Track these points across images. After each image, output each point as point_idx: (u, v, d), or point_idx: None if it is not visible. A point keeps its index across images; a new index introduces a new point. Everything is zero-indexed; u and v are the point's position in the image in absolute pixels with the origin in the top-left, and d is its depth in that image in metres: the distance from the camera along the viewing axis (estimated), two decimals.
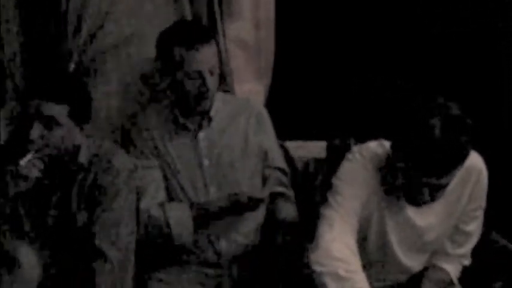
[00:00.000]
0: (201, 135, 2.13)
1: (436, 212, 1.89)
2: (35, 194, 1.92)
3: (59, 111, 1.85)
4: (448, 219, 1.92)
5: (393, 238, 1.90)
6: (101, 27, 2.29)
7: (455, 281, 2.01)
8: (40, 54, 2.31)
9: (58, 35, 2.29)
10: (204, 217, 2.07)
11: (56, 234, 1.96)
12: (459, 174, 1.75)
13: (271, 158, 2.21)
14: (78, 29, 2.28)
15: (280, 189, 2.22)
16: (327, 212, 1.84)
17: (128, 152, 2.09)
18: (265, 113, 2.24)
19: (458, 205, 1.91)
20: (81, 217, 1.95)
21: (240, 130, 2.17)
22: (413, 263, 1.98)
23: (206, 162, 2.13)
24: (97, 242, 1.92)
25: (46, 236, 1.96)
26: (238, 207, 2.05)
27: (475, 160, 1.85)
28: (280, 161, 2.24)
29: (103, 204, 1.93)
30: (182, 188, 2.12)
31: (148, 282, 2.12)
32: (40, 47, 2.31)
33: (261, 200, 2.06)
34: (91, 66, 2.31)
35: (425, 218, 1.89)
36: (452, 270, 2.00)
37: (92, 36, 2.29)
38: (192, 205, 2.08)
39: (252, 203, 2.04)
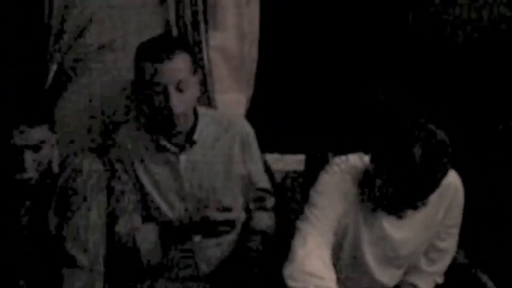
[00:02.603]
0: (183, 157, 2.06)
1: (412, 226, 1.90)
2: (5, 202, 1.90)
3: (45, 133, 1.83)
4: (424, 234, 1.93)
5: (367, 251, 1.91)
6: (84, 30, 2.29)
7: None
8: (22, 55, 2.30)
9: (41, 36, 2.28)
10: (174, 235, 2.05)
11: (28, 241, 1.93)
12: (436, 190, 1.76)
13: (255, 181, 2.17)
14: (61, 31, 2.27)
15: (257, 204, 2.20)
16: (302, 225, 1.84)
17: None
18: (250, 132, 2.17)
19: (434, 220, 1.92)
20: (52, 222, 1.93)
21: (224, 151, 2.11)
22: (386, 278, 1.98)
23: (187, 185, 2.08)
24: (66, 247, 1.90)
25: (17, 243, 1.93)
26: (209, 227, 1.99)
27: (451, 177, 1.86)
28: (264, 182, 2.21)
29: (72, 209, 1.91)
30: (159, 211, 2.08)
31: None
32: (22, 48, 2.30)
33: (232, 223, 2.00)
34: (73, 68, 2.30)
35: (401, 232, 1.90)
36: (425, 287, 2.01)
37: (75, 39, 2.29)
38: (161, 224, 2.05)
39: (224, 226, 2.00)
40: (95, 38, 2.31)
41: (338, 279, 1.80)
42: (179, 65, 1.94)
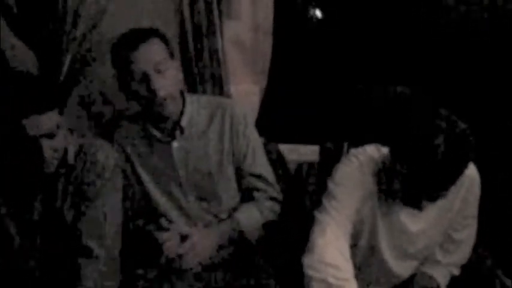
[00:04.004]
0: (175, 145, 2.07)
1: (428, 218, 1.89)
2: (19, 195, 1.90)
3: (56, 118, 1.81)
4: (440, 225, 1.92)
5: (384, 242, 1.90)
6: (99, 22, 2.29)
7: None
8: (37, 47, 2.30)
9: (55, 29, 2.29)
10: None
11: (42, 232, 1.93)
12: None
13: (248, 164, 2.13)
14: (75, 23, 2.27)
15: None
16: (321, 216, 1.83)
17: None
18: (241, 114, 2.12)
19: (450, 211, 1.90)
20: (68, 214, 1.93)
21: (215, 136, 2.09)
22: (402, 270, 1.98)
23: (182, 172, 2.08)
24: (83, 238, 1.90)
25: (33, 236, 1.93)
26: None
27: (469, 170, 1.81)
28: (256, 166, 2.14)
29: (88, 200, 1.91)
30: (158, 202, 2.10)
31: (138, 280, 2.08)
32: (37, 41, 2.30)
33: None
34: (88, 59, 2.31)
35: (417, 224, 1.88)
36: (441, 278, 1.99)
37: (90, 31, 2.29)
38: None
39: None
40: (109, 28, 2.31)
41: (354, 270, 1.79)
42: (153, 48, 1.95)
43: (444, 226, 1.93)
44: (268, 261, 2.13)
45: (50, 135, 1.80)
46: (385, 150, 1.85)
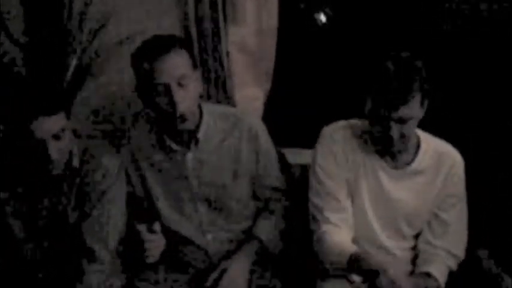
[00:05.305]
0: (189, 156, 2.04)
1: (409, 188, 1.98)
2: (25, 196, 1.92)
3: (63, 120, 1.83)
4: (422, 198, 1.99)
5: (369, 207, 1.99)
6: (104, 25, 2.31)
7: (443, 286, 1.99)
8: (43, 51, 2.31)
9: (61, 32, 2.30)
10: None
11: (48, 235, 1.96)
12: (431, 157, 1.97)
13: (266, 177, 2.13)
14: (80, 27, 2.29)
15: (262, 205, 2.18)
16: (314, 199, 2.00)
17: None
18: (259, 126, 2.12)
19: (432, 188, 1.99)
20: (72, 217, 1.94)
21: (231, 149, 2.07)
22: (392, 246, 2.02)
23: (195, 183, 2.06)
24: (86, 241, 1.92)
25: (37, 237, 1.96)
26: None
27: (450, 150, 2.01)
28: (273, 179, 2.16)
29: (92, 203, 1.92)
30: (165, 212, 2.09)
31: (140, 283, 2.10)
32: (43, 45, 2.31)
33: None
34: (94, 63, 2.32)
35: (398, 191, 1.99)
36: (439, 274, 1.98)
37: (95, 34, 2.31)
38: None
39: None
40: (114, 33, 2.34)
41: None
42: (177, 60, 1.90)
43: (428, 200, 2.00)
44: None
45: (57, 137, 1.81)
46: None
